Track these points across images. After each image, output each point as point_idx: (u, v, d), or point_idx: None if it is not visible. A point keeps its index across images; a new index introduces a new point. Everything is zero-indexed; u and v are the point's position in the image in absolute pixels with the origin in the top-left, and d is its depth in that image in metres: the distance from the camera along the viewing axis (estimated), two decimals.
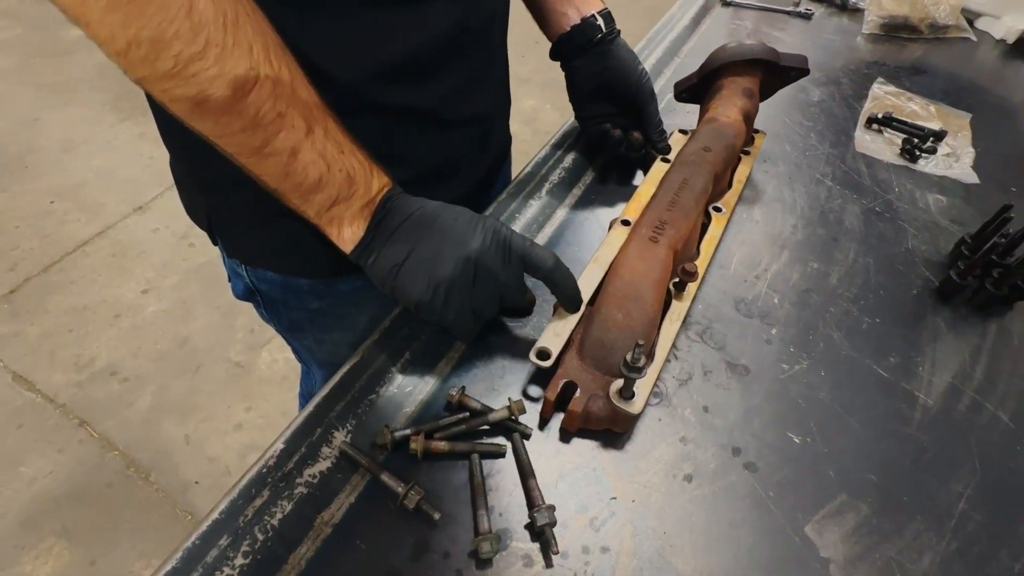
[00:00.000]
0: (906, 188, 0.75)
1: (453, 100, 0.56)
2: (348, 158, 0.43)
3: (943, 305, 0.60)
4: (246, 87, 0.37)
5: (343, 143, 0.43)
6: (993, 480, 0.47)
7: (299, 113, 0.40)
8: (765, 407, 0.50)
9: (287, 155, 0.41)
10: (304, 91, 0.41)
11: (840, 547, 0.42)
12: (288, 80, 0.39)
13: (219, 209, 0.60)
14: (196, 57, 0.35)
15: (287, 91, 0.39)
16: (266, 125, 0.39)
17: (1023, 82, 1.02)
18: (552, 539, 0.39)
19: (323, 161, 0.42)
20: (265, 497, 0.40)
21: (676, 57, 0.97)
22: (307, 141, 0.41)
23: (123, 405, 1.60)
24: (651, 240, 0.51)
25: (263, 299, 0.67)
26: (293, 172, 0.42)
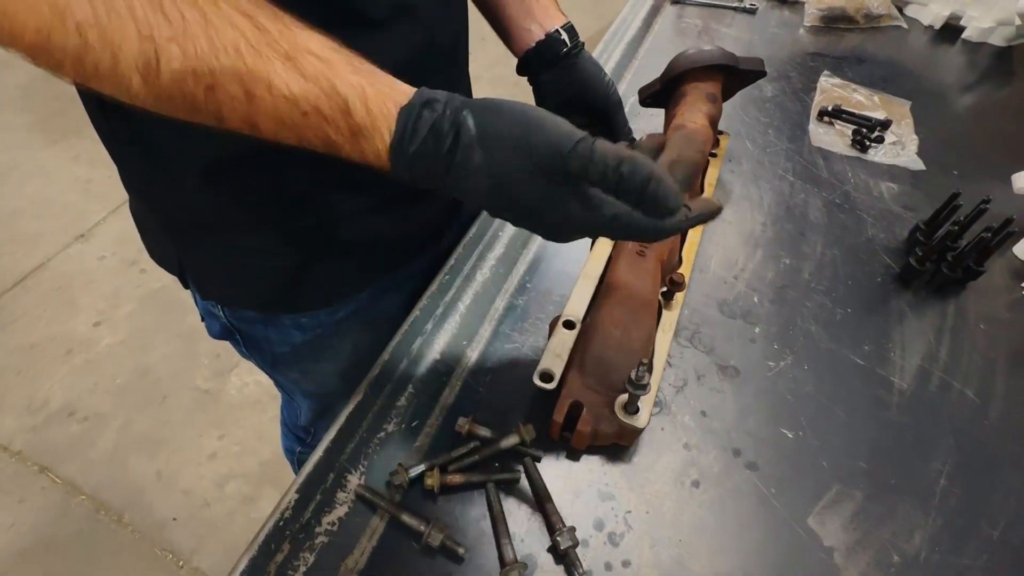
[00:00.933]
0: (860, 178, 0.79)
1: None
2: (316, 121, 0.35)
3: (905, 290, 0.64)
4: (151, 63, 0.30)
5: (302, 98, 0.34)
6: (967, 454, 0.51)
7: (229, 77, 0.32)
8: (757, 406, 0.52)
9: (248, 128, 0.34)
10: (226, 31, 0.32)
11: (841, 535, 0.45)
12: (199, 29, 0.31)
13: (190, 251, 0.58)
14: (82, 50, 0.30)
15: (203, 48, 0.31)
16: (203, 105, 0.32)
17: (952, 66, 1.09)
18: (577, 560, 0.40)
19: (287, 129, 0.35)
20: (286, 551, 0.40)
21: (634, 59, 0.99)
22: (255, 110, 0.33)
23: (85, 446, 1.53)
24: (639, 255, 0.53)
25: (243, 338, 0.66)
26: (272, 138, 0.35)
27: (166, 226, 0.56)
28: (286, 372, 0.72)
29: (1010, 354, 0.59)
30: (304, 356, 0.67)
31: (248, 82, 0.32)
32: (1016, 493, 0.48)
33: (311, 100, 0.34)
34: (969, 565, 0.44)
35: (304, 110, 0.34)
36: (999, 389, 0.56)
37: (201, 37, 0.31)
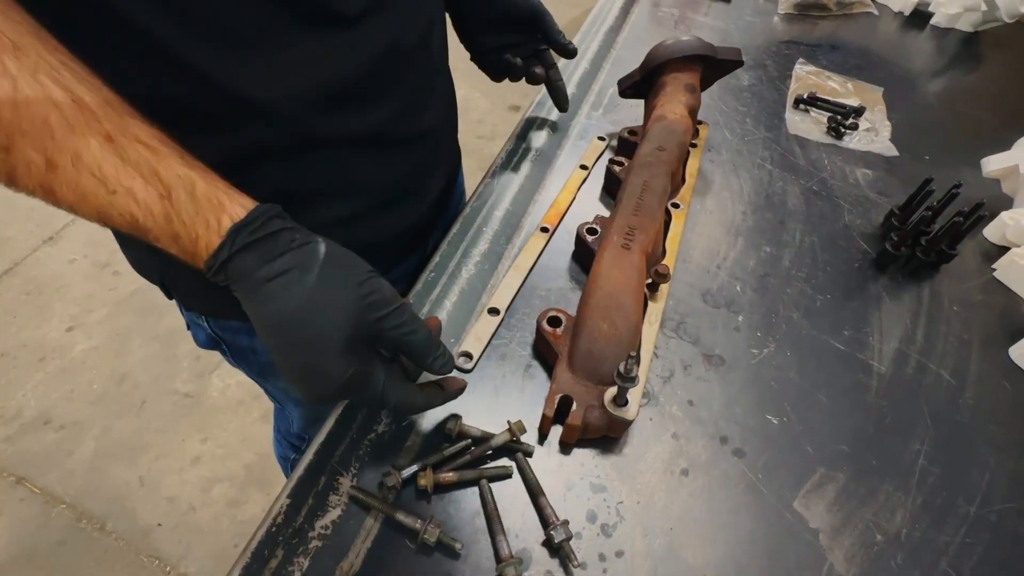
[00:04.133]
0: (836, 165, 0.80)
1: (400, 119, 0.54)
2: (118, 200, 0.33)
3: (881, 274, 0.66)
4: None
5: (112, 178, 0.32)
6: (943, 434, 0.52)
7: (30, 142, 0.30)
8: (743, 394, 0.53)
9: (44, 195, 0.32)
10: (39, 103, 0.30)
11: (826, 517, 0.46)
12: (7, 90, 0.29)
13: (171, 263, 0.56)
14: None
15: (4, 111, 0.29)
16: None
17: (922, 52, 1.11)
18: (571, 553, 0.41)
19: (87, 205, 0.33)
20: (279, 557, 0.40)
21: (612, 49, 0.99)
22: (55, 179, 0.32)
23: (63, 455, 1.49)
24: (624, 248, 0.53)
25: (229, 348, 0.65)
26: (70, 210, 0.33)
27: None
28: (275, 381, 0.71)
29: (983, 335, 0.61)
30: None
31: (51, 152, 0.31)
32: (991, 470, 0.50)
33: (123, 180, 0.33)
34: (948, 541, 0.45)
35: (113, 189, 0.32)
36: (973, 370, 0.58)
37: (4, 99, 0.29)
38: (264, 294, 0.35)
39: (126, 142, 0.33)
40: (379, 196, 0.56)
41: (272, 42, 0.42)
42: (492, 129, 2.53)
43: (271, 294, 0.35)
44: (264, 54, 0.42)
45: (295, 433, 0.89)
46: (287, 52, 0.43)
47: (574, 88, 0.88)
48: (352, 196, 0.54)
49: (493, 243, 0.63)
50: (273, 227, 0.36)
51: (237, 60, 0.41)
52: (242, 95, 0.42)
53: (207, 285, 0.57)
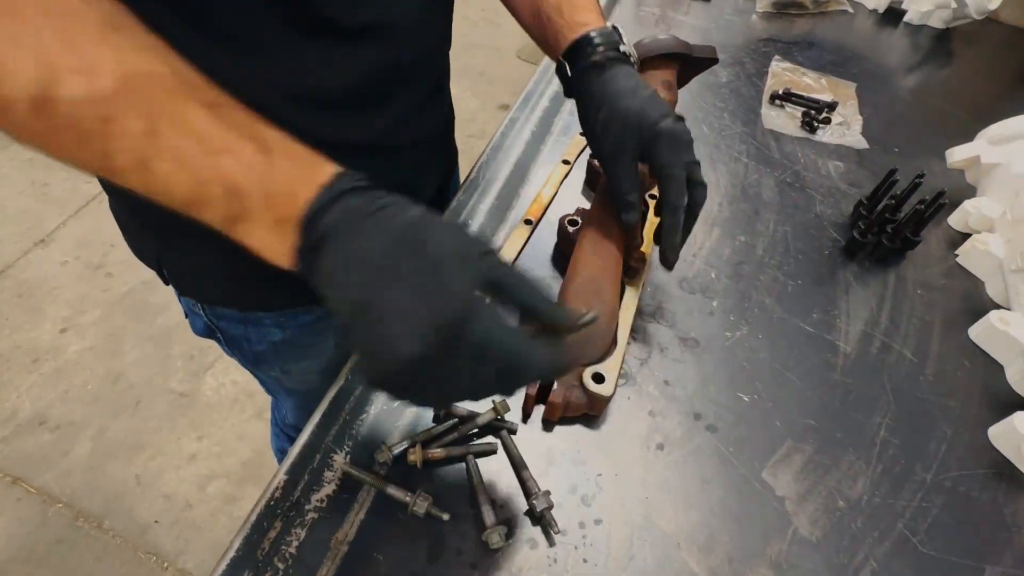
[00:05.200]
0: (809, 158, 0.84)
1: (397, 128, 0.55)
2: (222, 160, 0.32)
3: (850, 261, 0.69)
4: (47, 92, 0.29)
5: (214, 138, 0.32)
6: (904, 408, 0.55)
7: (134, 111, 0.31)
8: (717, 373, 0.56)
9: (137, 170, 0.32)
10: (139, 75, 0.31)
11: (792, 486, 0.49)
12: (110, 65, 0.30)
13: (168, 250, 0.59)
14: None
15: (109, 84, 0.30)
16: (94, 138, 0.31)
17: (895, 48, 1.15)
18: (552, 520, 0.44)
19: (184, 172, 0.32)
20: (278, 528, 0.42)
21: None
22: (153, 148, 0.31)
23: (59, 455, 1.50)
24: (602, 236, 0.56)
25: (224, 336, 0.67)
26: (158, 190, 0.33)
27: (144, 224, 0.57)
28: (267, 370, 0.74)
29: (944, 316, 0.65)
30: (284, 354, 0.68)
31: (155, 118, 0.31)
32: (948, 440, 0.54)
33: (227, 140, 0.32)
34: (906, 505, 0.49)
35: (216, 149, 0.32)
36: (934, 348, 0.61)
37: (109, 74, 0.30)
38: (372, 222, 0.33)
39: (227, 109, 0.33)
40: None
41: (270, 48, 0.44)
42: (482, 128, 2.55)
43: (380, 220, 0.33)
44: (261, 58, 0.44)
45: (290, 424, 0.91)
46: (286, 58, 0.45)
47: (557, 85, 0.90)
48: None
49: (482, 230, 0.66)
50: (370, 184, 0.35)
51: (233, 60, 0.43)
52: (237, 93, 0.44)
53: (203, 269, 0.58)
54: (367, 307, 0.31)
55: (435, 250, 0.33)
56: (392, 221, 0.33)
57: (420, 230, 0.33)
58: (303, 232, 0.33)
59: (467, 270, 0.33)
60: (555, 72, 0.57)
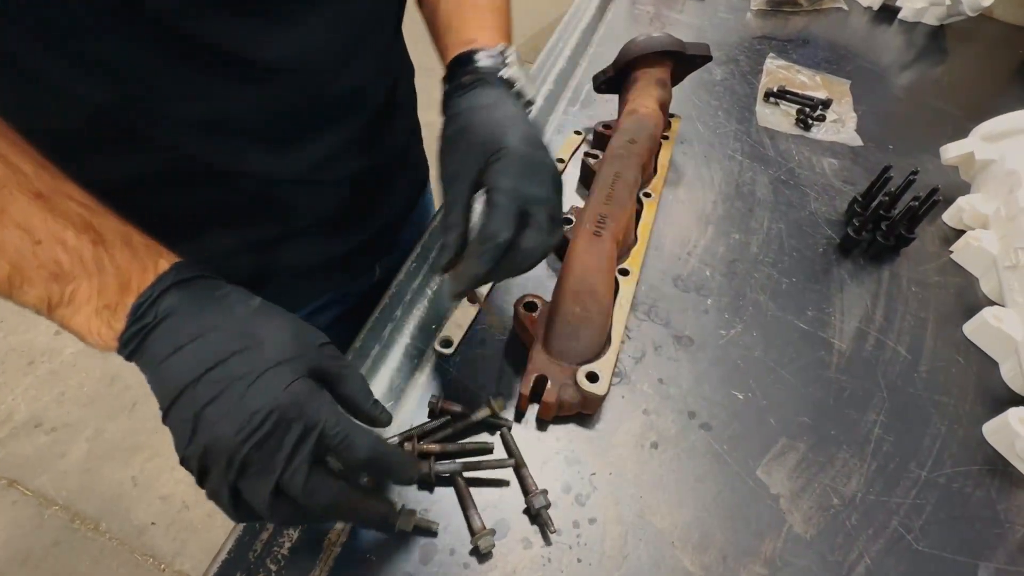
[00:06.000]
0: (804, 156, 0.84)
1: (330, 163, 0.51)
2: (47, 250, 0.32)
3: (844, 259, 0.69)
4: None
5: (39, 229, 0.32)
6: (898, 405, 0.55)
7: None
8: (711, 371, 0.56)
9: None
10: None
11: (786, 483, 0.49)
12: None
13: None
14: None
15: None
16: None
17: (889, 45, 1.15)
18: (548, 519, 0.43)
19: (2, 258, 0.32)
20: (271, 529, 0.42)
21: (589, 47, 1.01)
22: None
23: (55, 457, 1.50)
24: (595, 235, 0.56)
25: None
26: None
27: None
28: None
29: (938, 313, 0.65)
30: None
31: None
32: (941, 437, 0.53)
33: (52, 230, 0.32)
34: (900, 502, 0.49)
35: (39, 239, 0.32)
36: (928, 345, 0.61)
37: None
38: (206, 314, 0.33)
39: (58, 199, 0.33)
40: (304, 224, 0.55)
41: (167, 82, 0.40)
42: None
43: (213, 312, 0.34)
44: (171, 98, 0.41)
45: None
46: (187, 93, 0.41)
47: (551, 85, 0.90)
48: (279, 222, 0.53)
49: None
50: (213, 274, 0.36)
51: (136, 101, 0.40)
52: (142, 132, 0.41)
53: None
54: (192, 393, 0.32)
55: (267, 342, 0.33)
56: (230, 311, 0.34)
57: (256, 322, 0.34)
58: (133, 318, 0.33)
59: (297, 361, 0.33)
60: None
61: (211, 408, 0.31)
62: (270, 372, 0.32)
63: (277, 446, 0.31)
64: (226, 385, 0.32)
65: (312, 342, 0.36)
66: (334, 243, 0.59)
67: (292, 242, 0.55)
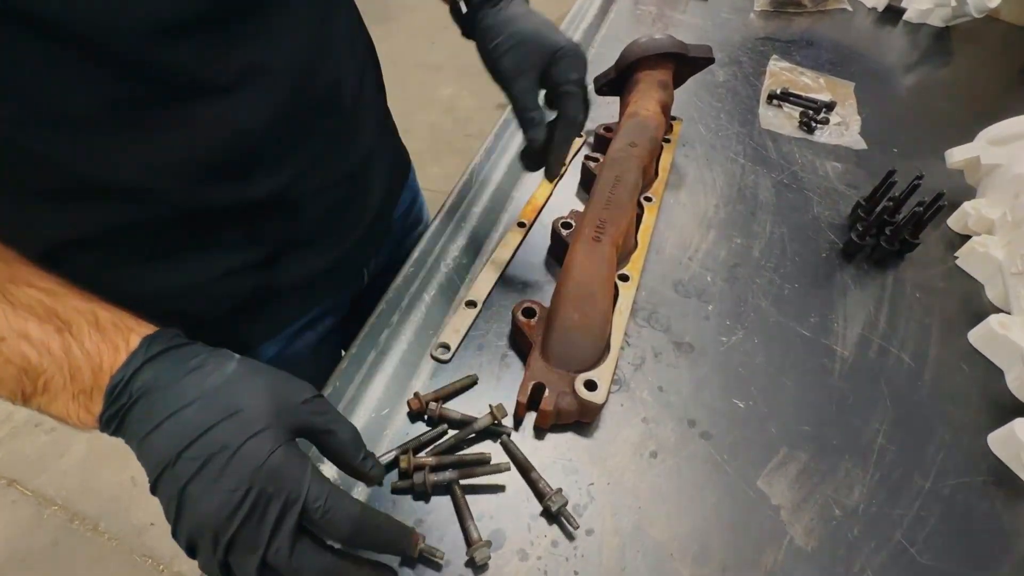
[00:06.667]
0: (807, 159, 0.83)
1: (307, 175, 0.50)
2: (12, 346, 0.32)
3: (848, 264, 0.68)
4: None
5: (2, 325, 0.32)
6: (902, 414, 0.55)
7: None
8: (711, 379, 0.55)
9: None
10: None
11: (787, 494, 0.48)
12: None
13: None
14: None
15: None
16: None
17: (894, 47, 1.14)
18: (571, 517, 0.43)
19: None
20: None
21: (591, 48, 1.01)
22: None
23: (54, 457, 1.50)
24: (595, 240, 0.55)
25: None
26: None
27: None
28: None
29: (943, 320, 0.64)
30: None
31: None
32: (946, 447, 0.53)
33: (13, 324, 0.32)
34: (903, 514, 0.48)
35: (2, 336, 0.32)
36: (933, 353, 0.60)
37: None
38: (181, 387, 0.33)
39: (15, 288, 0.33)
40: (286, 245, 0.53)
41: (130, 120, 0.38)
42: (480, 127, 2.54)
43: (188, 385, 0.33)
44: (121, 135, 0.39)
45: None
46: (151, 129, 0.39)
47: None
48: (251, 248, 0.51)
49: (471, 239, 0.65)
50: (185, 340, 0.36)
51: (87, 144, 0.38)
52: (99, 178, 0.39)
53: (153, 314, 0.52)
54: (173, 472, 0.32)
55: (246, 409, 0.33)
56: (204, 382, 0.34)
57: (233, 390, 0.34)
58: (109, 400, 0.33)
59: (277, 427, 0.34)
60: (450, 15, 0.59)
61: (193, 486, 0.31)
62: (250, 442, 0.32)
63: (259, 521, 0.32)
64: (206, 460, 0.32)
65: (295, 400, 0.35)
66: (321, 253, 0.57)
67: (280, 261, 0.54)
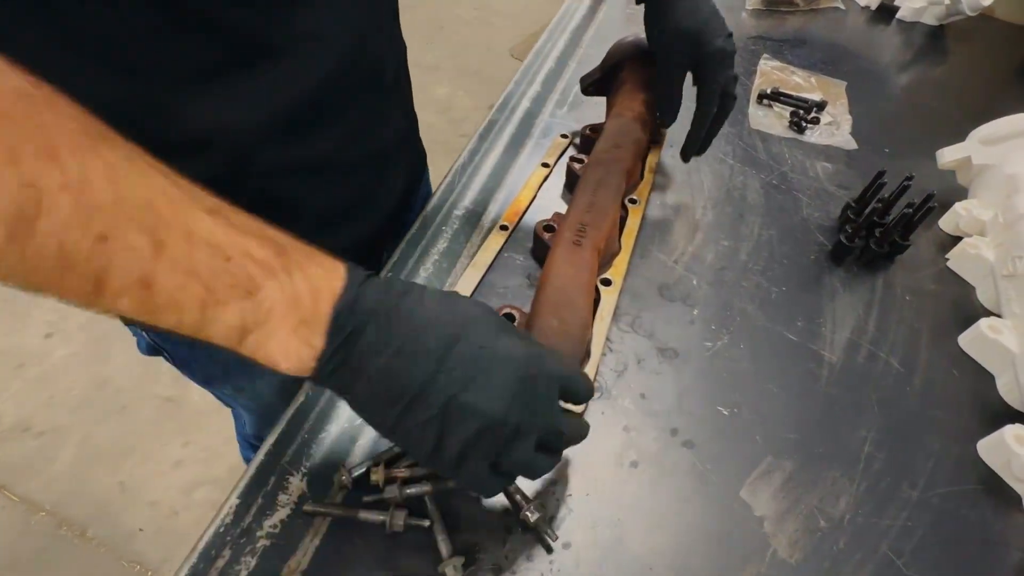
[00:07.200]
0: (797, 159, 0.81)
1: (349, 142, 0.53)
2: (238, 265, 0.30)
3: (837, 267, 0.67)
4: (25, 216, 0.25)
5: (225, 244, 0.30)
6: (891, 421, 0.53)
7: (135, 225, 0.27)
8: (695, 386, 0.54)
9: (137, 291, 0.28)
10: (137, 186, 0.28)
11: (771, 504, 0.47)
12: (102, 178, 0.27)
13: None
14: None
15: (105, 198, 0.27)
16: (84, 261, 0.26)
17: (887, 46, 1.13)
18: (548, 531, 0.42)
19: (195, 283, 0.29)
20: (227, 557, 0.40)
21: (579, 47, 0.99)
22: (160, 262, 0.28)
23: (43, 462, 1.48)
24: (575, 244, 0.54)
25: (170, 355, 0.64)
26: (159, 310, 0.29)
27: None
28: (220, 388, 0.71)
29: (933, 324, 0.62)
30: (236, 374, 0.66)
31: (159, 231, 0.28)
32: (935, 455, 0.51)
33: (238, 244, 0.30)
34: (890, 524, 0.47)
35: (228, 255, 0.30)
36: (923, 357, 0.59)
37: (104, 188, 0.26)
38: (407, 308, 0.33)
39: (229, 211, 0.31)
40: (321, 218, 0.55)
41: (201, 77, 0.41)
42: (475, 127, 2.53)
43: (410, 307, 0.33)
44: (192, 89, 0.41)
45: (251, 434, 0.89)
46: (218, 86, 0.42)
47: (539, 86, 0.88)
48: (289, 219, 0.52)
49: (452, 242, 0.64)
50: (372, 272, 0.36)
51: (161, 96, 0.40)
52: (170, 131, 0.41)
53: None
54: (437, 386, 0.32)
55: (480, 315, 0.35)
56: (423, 301, 0.34)
57: (454, 304, 0.35)
58: (334, 328, 0.32)
59: (506, 323, 0.36)
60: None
61: (467, 393, 0.32)
62: (502, 340, 0.34)
63: (532, 406, 0.34)
64: (470, 366, 0.33)
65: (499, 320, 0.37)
66: (343, 235, 0.59)
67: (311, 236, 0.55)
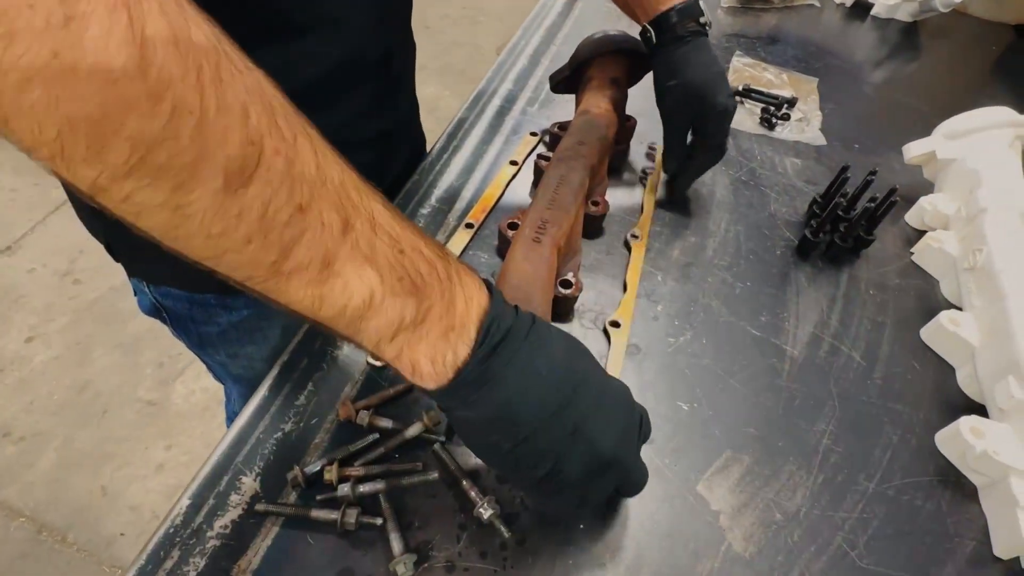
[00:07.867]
0: (766, 155, 0.82)
1: (354, 123, 0.56)
2: (411, 259, 0.30)
3: (803, 261, 0.67)
4: (245, 171, 0.25)
5: (401, 237, 0.30)
6: (850, 414, 0.54)
7: (330, 203, 0.27)
8: (657, 382, 0.54)
9: (317, 269, 0.28)
10: (332, 166, 0.28)
11: (727, 498, 0.47)
12: (308, 151, 0.27)
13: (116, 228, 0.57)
14: (161, 138, 0.23)
15: (310, 171, 0.27)
16: (280, 227, 0.26)
17: (861, 43, 1.14)
18: (501, 528, 0.42)
19: (372, 270, 0.29)
20: (175, 558, 0.40)
21: (552, 45, 0.99)
22: (345, 243, 0.28)
23: (23, 467, 1.47)
24: (535, 241, 0.54)
25: (170, 316, 0.66)
26: (327, 295, 0.28)
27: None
28: (213, 354, 0.72)
29: (897, 317, 0.63)
30: (231, 338, 0.67)
31: (350, 212, 0.28)
32: (892, 447, 0.52)
33: (409, 237, 0.31)
34: (845, 517, 0.47)
35: (402, 248, 0.30)
36: (884, 351, 0.59)
37: (310, 161, 0.27)
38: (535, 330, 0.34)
39: (395, 208, 0.32)
40: None
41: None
42: None
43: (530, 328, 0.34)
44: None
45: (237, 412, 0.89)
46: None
47: (511, 84, 0.88)
48: None
49: None
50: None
51: None
52: None
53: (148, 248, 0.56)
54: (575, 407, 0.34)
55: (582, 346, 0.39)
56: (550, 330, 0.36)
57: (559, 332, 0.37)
58: (482, 339, 0.31)
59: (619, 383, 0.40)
60: (639, 36, 0.67)
61: (594, 420, 0.35)
62: (611, 379, 0.39)
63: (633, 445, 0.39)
64: (597, 399, 0.35)
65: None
66: None
67: None
